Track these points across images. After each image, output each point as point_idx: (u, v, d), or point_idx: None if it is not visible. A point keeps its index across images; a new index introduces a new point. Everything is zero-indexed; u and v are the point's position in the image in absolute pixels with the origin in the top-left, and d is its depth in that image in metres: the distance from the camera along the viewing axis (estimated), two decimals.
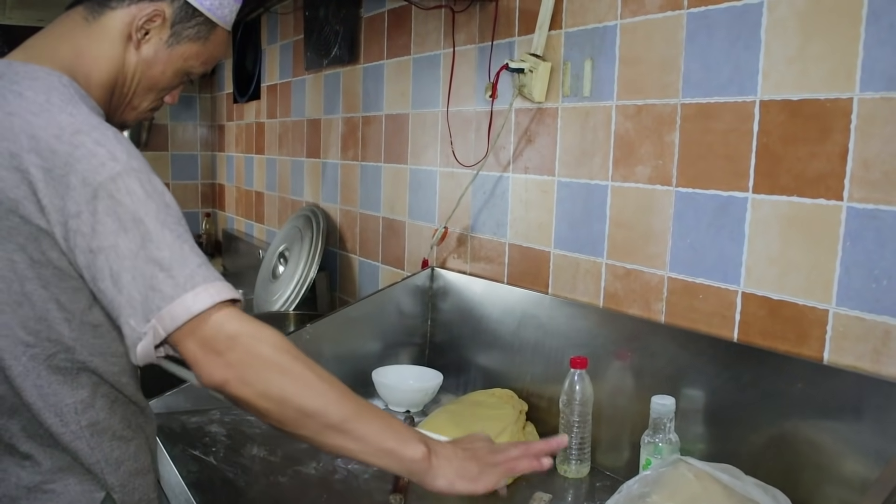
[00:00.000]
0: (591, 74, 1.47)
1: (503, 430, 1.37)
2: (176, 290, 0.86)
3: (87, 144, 0.90)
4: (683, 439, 1.21)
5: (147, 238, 0.87)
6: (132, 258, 0.87)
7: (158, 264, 0.86)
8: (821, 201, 1.09)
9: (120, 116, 1.11)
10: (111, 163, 0.90)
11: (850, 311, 1.07)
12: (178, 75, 1.09)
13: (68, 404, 1.01)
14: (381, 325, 1.83)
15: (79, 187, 0.88)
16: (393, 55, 2.16)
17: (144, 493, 1.10)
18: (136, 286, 0.86)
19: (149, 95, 1.10)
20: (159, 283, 0.86)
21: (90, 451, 1.03)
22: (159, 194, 0.91)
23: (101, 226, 0.87)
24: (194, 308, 0.85)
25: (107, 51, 1.04)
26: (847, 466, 1.04)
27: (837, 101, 1.07)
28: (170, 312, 0.85)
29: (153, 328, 0.86)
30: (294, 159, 2.92)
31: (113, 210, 0.88)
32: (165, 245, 0.87)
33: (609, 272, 1.45)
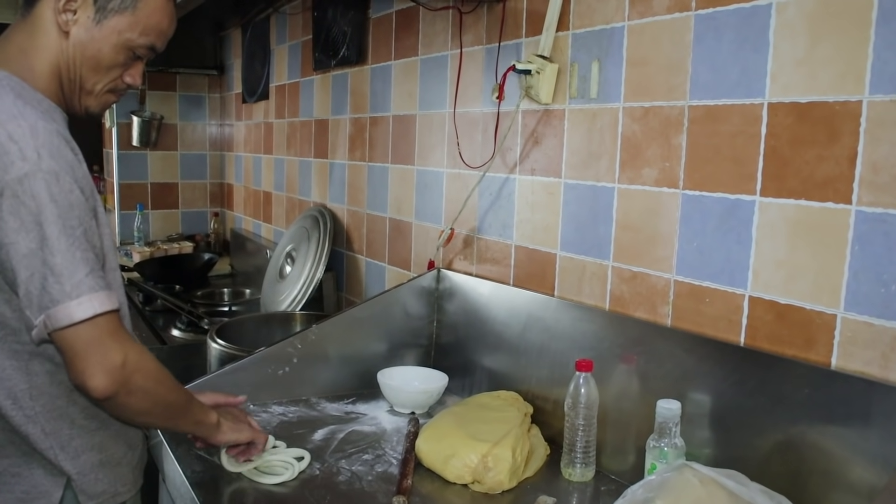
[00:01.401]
0: (598, 76, 1.46)
1: (508, 433, 1.36)
2: (62, 296, 0.95)
3: (1, 139, 0.96)
4: (689, 444, 1.20)
5: (44, 241, 0.95)
6: (30, 257, 0.95)
7: (51, 269, 0.95)
8: (829, 205, 1.08)
9: (80, 104, 1.13)
10: (20, 162, 0.95)
11: (858, 317, 1.06)
12: (118, 50, 1.10)
13: (23, 389, 1.06)
14: (387, 326, 1.83)
15: None
16: (400, 56, 2.16)
17: (111, 484, 1.13)
18: (32, 283, 0.96)
19: (98, 77, 1.11)
20: (49, 285, 0.95)
21: (44, 436, 1.07)
22: (65, 194, 0.97)
23: (3, 223, 0.95)
24: (76, 316, 0.96)
25: (42, 41, 1.08)
26: (854, 473, 1.03)
27: (846, 103, 1.06)
28: (55, 314, 0.96)
29: (42, 322, 0.97)
30: (302, 159, 2.92)
31: (16, 210, 0.95)
32: (59, 252, 0.95)
33: (615, 275, 1.44)
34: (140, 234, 3.72)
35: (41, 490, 1.08)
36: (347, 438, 1.51)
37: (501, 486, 1.30)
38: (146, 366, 1.04)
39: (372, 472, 1.35)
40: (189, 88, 3.98)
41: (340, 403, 1.70)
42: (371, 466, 1.38)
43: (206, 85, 4.02)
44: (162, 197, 3.97)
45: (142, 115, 3.77)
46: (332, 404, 1.69)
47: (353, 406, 1.69)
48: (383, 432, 1.55)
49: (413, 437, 1.45)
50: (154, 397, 1.07)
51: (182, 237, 3.93)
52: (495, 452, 1.31)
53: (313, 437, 1.50)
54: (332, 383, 1.75)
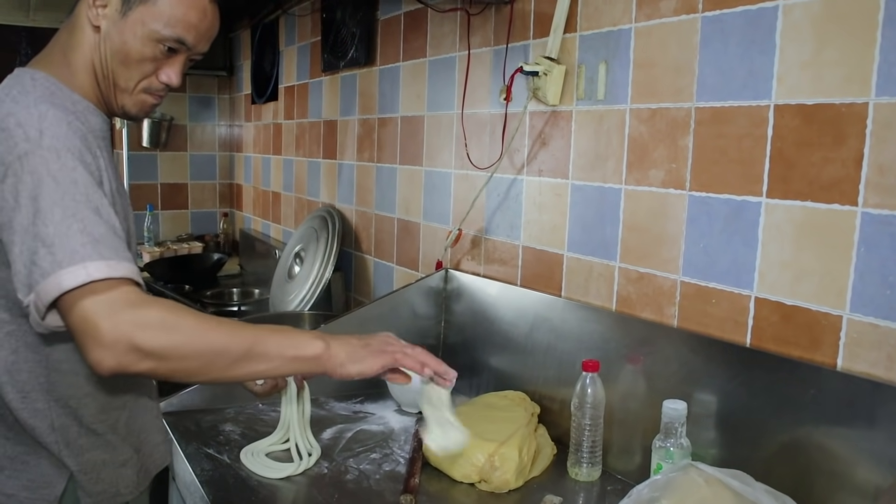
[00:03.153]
0: (605, 78, 1.47)
1: (515, 432, 1.37)
2: (52, 266, 0.87)
3: (10, 126, 0.96)
4: (695, 444, 1.21)
5: (37, 215, 0.89)
6: (22, 233, 0.90)
7: (42, 240, 0.88)
8: (835, 206, 1.09)
9: (117, 103, 1.11)
10: (23, 143, 0.94)
11: (864, 318, 1.06)
12: (144, 43, 1.06)
13: (40, 383, 1.07)
14: (395, 326, 1.83)
15: None
16: (409, 57, 2.17)
17: (112, 484, 1.15)
18: (22, 260, 0.89)
19: (129, 72, 1.08)
20: (40, 258, 0.88)
21: (51, 431, 1.09)
22: (66, 171, 0.92)
23: (3, 202, 0.92)
24: (65, 284, 0.86)
25: (79, 38, 1.08)
26: (860, 474, 1.03)
27: (853, 105, 1.06)
28: (45, 287, 0.87)
29: (33, 301, 0.89)
30: (310, 160, 2.93)
31: (14, 187, 0.92)
32: (52, 222, 0.89)
33: (622, 276, 1.44)
34: (150, 234, 3.75)
35: (46, 480, 1.10)
36: (355, 437, 1.52)
37: (508, 485, 1.31)
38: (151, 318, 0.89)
39: (380, 471, 1.36)
40: (199, 89, 4.00)
41: (349, 403, 1.71)
42: (379, 465, 1.39)
43: (216, 86, 4.04)
44: (172, 197, 4.00)
45: (151, 115, 3.80)
46: (341, 404, 1.71)
47: (362, 405, 1.71)
48: (391, 431, 1.56)
49: (420, 436, 1.46)
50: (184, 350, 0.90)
51: (192, 237, 3.96)
52: (502, 452, 1.32)
53: (322, 436, 1.51)
54: (341, 383, 1.76)
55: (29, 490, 1.10)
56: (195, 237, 3.97)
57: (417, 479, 1.32)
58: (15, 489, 1.10)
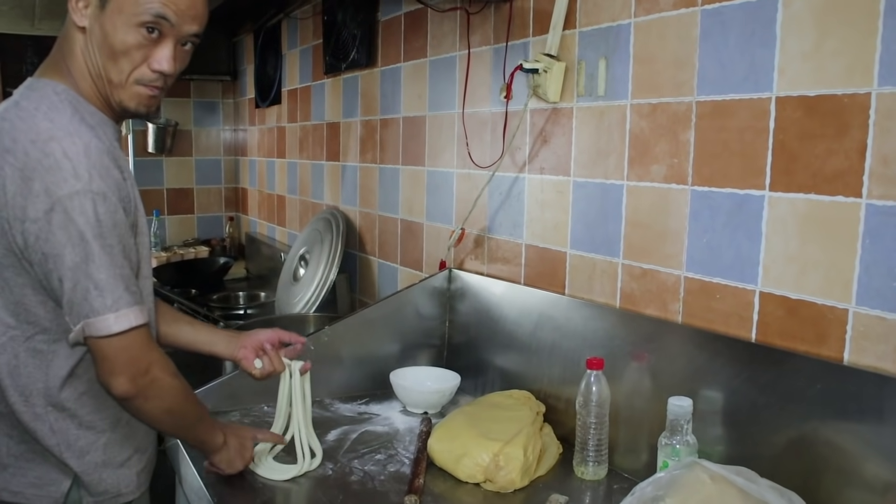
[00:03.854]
0: (605, 74, 1.46)
1: (520, 431, 1.36)
2: (103, 309, 1.03)
3: (56, 154, 1.01)
4: (701, 441, 1.20)
5: (90, 257, 1.01)
6: (74, 269, 1.02)
7: (94, 283, 1.02)
8: (839, 199, 1.07)
9: (115, 100, 1.12)
10: (73, 180, 1.00)
11: (870, 311, 1.05)
12: (127, 30, 1.05)
13: (39, 388, 1.12)
14: (400, 327, 1.84)
15: (41, 195, 1.00)
16: (410, 58, 2.17)
17: (113, 484, 1.17)
18: (75, 293, 1.02)
19: (118, 65, 1.07)
20: (92, 298, 1.02)
21: (51, 433, 1.13)
22: (110, 214, 1.03)
23: (52, 236, 1.01)
24: (114, 328, 1.03)
25: (71, 45, 1.11)
26: (868, 469, 1.02)
27: (855, 96, 1.05)
28: (95, 324, 1.03)
29: (80, 329, 1.04)
30: (314, 162, 2.94)
31: (65, 225, 1.00)
32: (104, 268, 1.02)
33: (625, 272, 1.43)
34: (156, 239, 3.76)
35: (51, 477, 1.14)
36: (360, 439, 1.51)
37: (513, 484, 1.30)
38: (166, 378, 1.11)
39: (384, 472, 1.36)
40: (203, 94, 4.01)
41: (353, 404, 1.71)
42: (383, 466, 1.38)
43: (220, 91, 4.05)
44: (178, 202, 4.01)
45: (157, 121, 3.81)
46: (346, 405, 1.70)
47: (366, 406, 1.70)
48: (396, 432, 1.56)
49: (425, 436, 1.46)
50: (168, 406, 1.13)
51: (198, 242, 3.97)
52: (507, 451, 1.31)
53: (327, 437, 1.50)
54: (346, 384, 1.76)
55: (35, 487, 1.13)
56: (201, 241, 3.98)
57: (422, 479, 1.31)
58: (21, 486, 1.13)
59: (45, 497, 1.13)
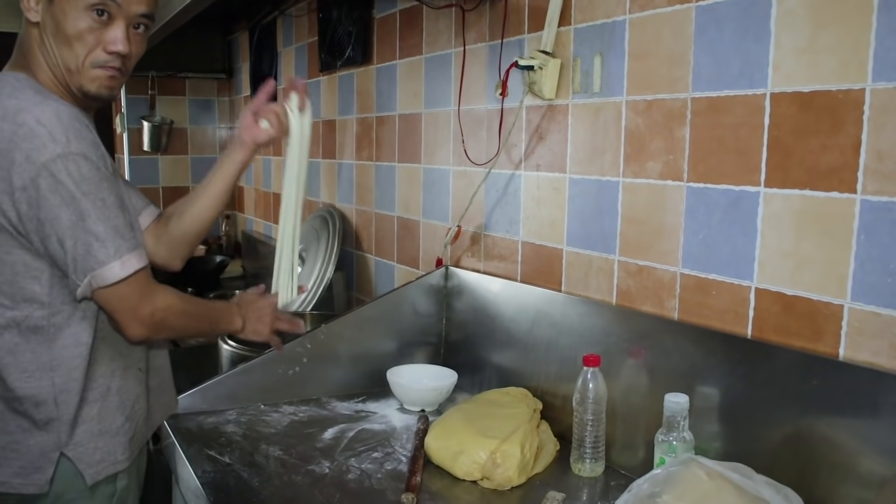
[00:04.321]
0: (600, 70, 1.46)
1: (517, 429, 1.36)
2: (107, 258, 1.09)
3: (29, 123, 1.05)
4: (698, 437, 1.20)
5: (85, 213, 1.07)
6: (73, 227, 1.07)
7: (94, 235, 1.08)
8: (834, 194, 1.08)
9: (76, 87, 1.16)
10: (52, 144, 1.04)
11: (865, 307, 1.05)
12: (76, 16, 1.10)
13: (43, 362, 1.16)
14: (397, 325, 1.84)
15: (23, 163, 1.04)
16: (405, 55, 2.16)
17: (109, 452, 1.22)
18: (77, 250, 1.08)
19: (73, 51, 1.12)
20: (95, 250, 1.08)
21: (53, 406, 1.17)
22: (94, 171, 1.08)
23: (44, 200, 1.05)
24: (121, 274, 1.10)
25: (28, 43, 1.16)
26: (864, 464, 1.02)
27: (849, 92, 1.05)
28: (102, 274, 1.09)
29: (88, 283, 1.10)
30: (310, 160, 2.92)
31: (54, 188, 1.05)
32: (100, 221, 1.08)
33: (621, 269, 1.43)
34: None
35: (36, 465, 1.17)
36: (357, 437, 1.51)
37: (510, 482, 1.30)
38: (171, 307, 1.20)
39: (381, 470, 1.36)
40: (198, 92, 4.00)
41: (350, 402, 1.71)
42: (381, 464, 1.38)
43: (215, 88, 4.04)
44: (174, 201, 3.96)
45: (152, 119, 3.80)
46: (343, 403, 1.70)
47: (363, 405, 1.70)
48: (393, 430, 1.56)
49: (422, 434, 1.46)
50: (181, 328, 1.28)
51: None
52: (504, 449, 1.31)
53: (323, 436, 1.50)
54: (342, 382, 1.76)
55: (20, 476, 1.16)
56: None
57: (419, 477, 1.31)
58: (7, 476, 1.16)
59: (31, 485, 1.16)
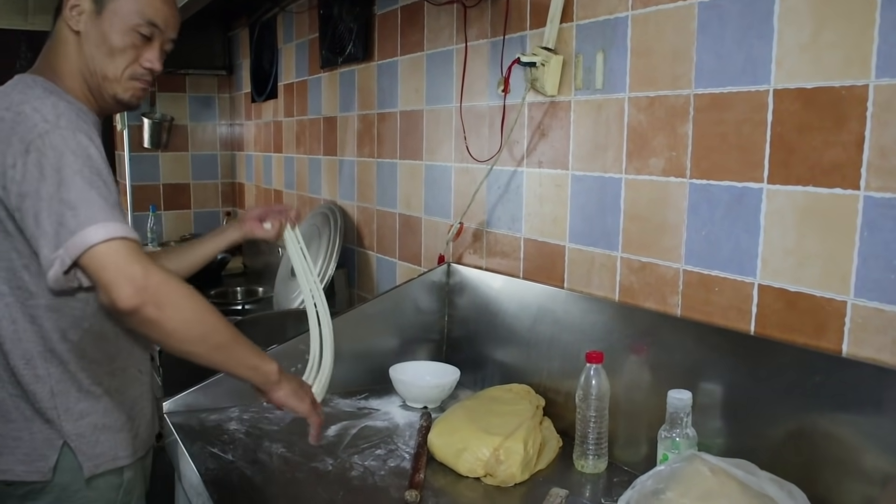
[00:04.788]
0: (603, 67, 1.45)
1: (520, 425, 1.36)
2: (78, 225, 1.01)
3: (27, 111, 1.10)
4: (701, 434, 1.20)
5: (62, 184, 1.03)
6: (48, 200, 1.03)
7: (67, 204, 1.02)
8: (837, 191, 1.08)
9: (108, 93, 1.24)
10: (42, 123, 1.08)
11: (868, 303, 1.05)
12: (124, 32, 1.20)
13: (39, 351, 1.17)
14: (399, 322, 1.84)
15: (16, 144, 1.07)
16: (406, 52, 2.16)
17: (110, 448, 1.22)
18: (49, 222, 1.02)
19: (114, 62, 1.21)
20: (67, 219, 1.02)
21: (50, 396, 1.18)
22: (82, 148, 1.07)
23: (28, 174, 1.05)
24: (92, 238, 1.00)
25: (62, 49, 1.22)
26: (867, 461, 1.02)
27: (853, 88, 1.05)
28: (75, 241, 1.00)
29: (60, 256, 1.01)
30: (311, 157, 2.93)
31: (38, 161, 1.05)
32: (75, 189, 1.03)
33: (624, 266, 1.44)
34: (153, 235, 3.75)
35: (39, 453, 1.18)
36: (360, 434, 1.52)
37: (514, 478, 1.30)
38: (172, 281, 1.04)
39: (384, 467, 1.36)
40: (198, 89, 4.00)
41: (353, 399, 1.71)
42: (384, 461, 1.39)
43: (216, 85, 4.03)
44: (174, 198, 4.00)
45: (152, 116, 3.80)
46: (345, 400, 1.70)
47: (366, 402, 1.70)
48: (396, 427, 1.56)
49: (425, 431, 1.46)
50: (187, 313, 1.04)
51: (194, 237, 3.95)
52: (507, 445, 1.31)
53: (326, 433, 1.51)
54: (345, 379, 1.76)
55: (24, 464, 1.18)
56: (198, 237, 3.96)
57: (422, 474, 1.31)
58: (10, 464, 1.18)
59: (35, 472, 1.18)
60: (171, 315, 1.02)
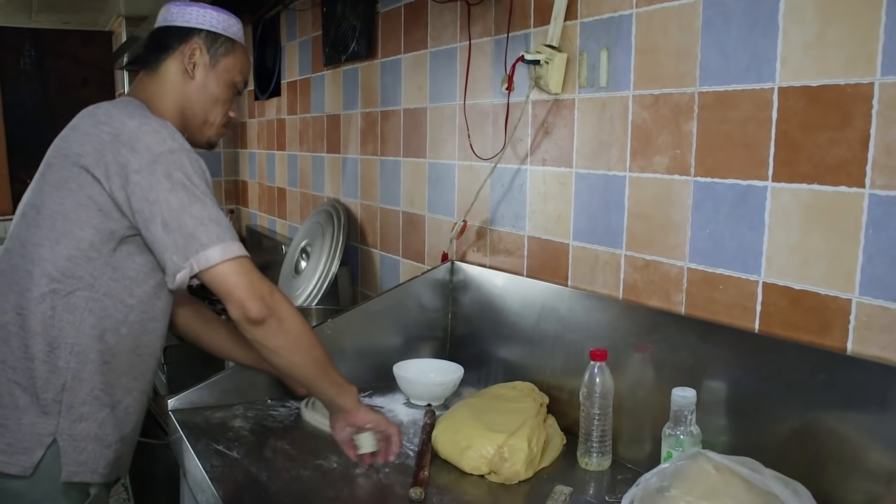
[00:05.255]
0: (607, 65, 1.45)
1: (524, 423, 1.37)
2: (210, 241, 1.16)
3: (152, 124, 1.22)
4: (705, 432, 1.20)
5: (192, 199, 1.17)
6: (179, 211, 1.16)
7: (199, 220, 1.17)
8: (842, 189, 1.07)
9: (203, 136, 1.41)
10: (170, 141, 1.20)
11: (873, 301, 1.05)
12: (227, 86, 1.39)
13: (68, 343, 1.19)
14: (402, 319, 1.84)
15: (143, 152, 1.18)
16: (410, 49, 2.16)
17: (93, 459, 1.22)
18: (180, 232, 1.16)
19: (215, 109, 1.39)
20: (199, 233, 1.16)
21: (60, 390, 1.19)
22: (202, 172, 1.22)
23: (158, 184, 1.17)
24: (226, 255, 1.17)
25: (169, 88, 1.36)
26: (872, 459, 1.02)
27: (858, 86, 1.05)
28: (205, 255, 1.16)
29: (190, 265, 1.16)
30: (314, 155, 2.93)
31: (168, 174, 1.17)
32: (205, 208, 1.18)
33: (628, 264, 1.44)
34: None
35: (24, 446, 1.17)
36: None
37: (518, 476, 1.30)
38: (287, 299, 1.24)
39: (389, 464, 1.36)
40: None
41: None
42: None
43: None
44: None
45: None
46: None
47: (370, 399, 1.71)
48: (400, 424, 1.56)
49: (429, 428, 1.46)
50: (299, 328, 1.23)
51: None
52: (511, 443, 1.32)
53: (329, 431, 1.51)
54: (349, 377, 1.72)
55: (5, 454, 1.17)
56: None
57: (427, 471, 1.32)
58: None
59: (14, 465, 1.17)
60: (289, 327, 1.21)
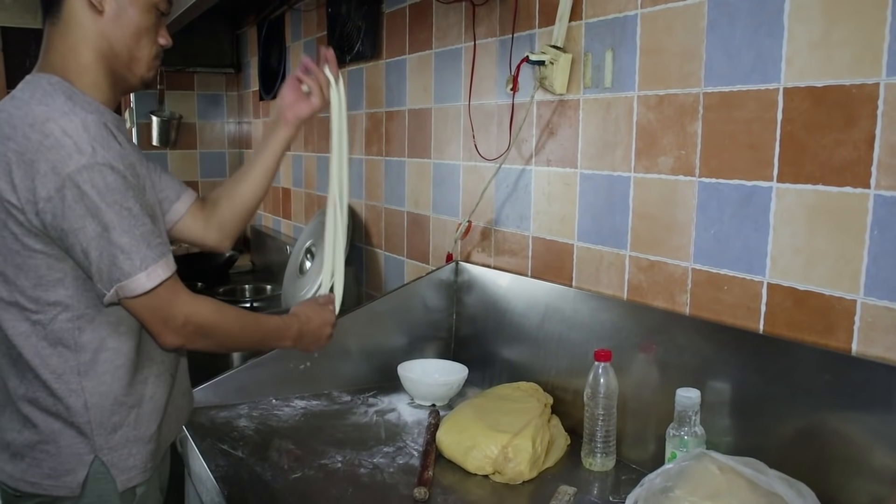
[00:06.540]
0: (612, 65, 1.45)
1: (528, 423, 1.37)
2: (133, 269, 1.09)
3: (55, 133, 1.06)
4: (709, 432, 1.20)
5: (110, 225, 1.07)
6: (97, 239, 1.07)
7: (119, 247, 1.08)
8: (847, 189, 1.07)
9: (134, 75, 1.23)
10: (77, 155, 1.06)
11: (878, 302, 1.05)
12: (147, 11, 1.20)
13: (71, 366, 1.15)
14: (407, 320, 1.84)
15: (49, 174, 1.05)
16: (415, 50, 2.16)
17: (141, 460, 1.20)
18: (102, 260, 1.08)
19: (140, 41, 1.21)
20: (121, 262, 1.08)
21: (84, 410, 1.15)
22: (119, 181, 1.08)
23: (69, 211, 1.06)
24: (147, 285, 1.10)
25: (79, 33, 1.17)
26: (877, 459, 1.02)
27: (863, 86, 1.04)
28: (128, 285, 1.09)
29: (115, 293, 1.09)
30: (319, 155, 2.94)
31: (80, 199, 1.06)
32: (125, 232, 1.08)
33: (633, 264, 1.44)
34: None
35: (68, 467, 1.15)
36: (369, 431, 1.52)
37: (522, 476, 1.31)
38: (207, 317, 1.18)
39: (393, 465, 1.36)
40: (207, 87, 4.01)
41: (361, 397, 1.72)
42: (392, 458, 1.39)
43: (224, 83, 4.04)
44: None
45: (161, 114, 3.81)
46: (354, 397, 1.71)
47: (375, 399, 1.71)
48: (404, 424, 1.56)
49: (434, 428, 1.46)
50: (222, 339, 1.22)
51: None
52: (515, 443, 1.32)
53: (334, 433, 1.51)
54: (353, 377, 1.77)
55: (51, 479, 1.15)
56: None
57: (431, 471, 1.32)
58: (37, 478, 1.15)
59: (63, 487, 1.15)
60: (216, 336, 1.19)
